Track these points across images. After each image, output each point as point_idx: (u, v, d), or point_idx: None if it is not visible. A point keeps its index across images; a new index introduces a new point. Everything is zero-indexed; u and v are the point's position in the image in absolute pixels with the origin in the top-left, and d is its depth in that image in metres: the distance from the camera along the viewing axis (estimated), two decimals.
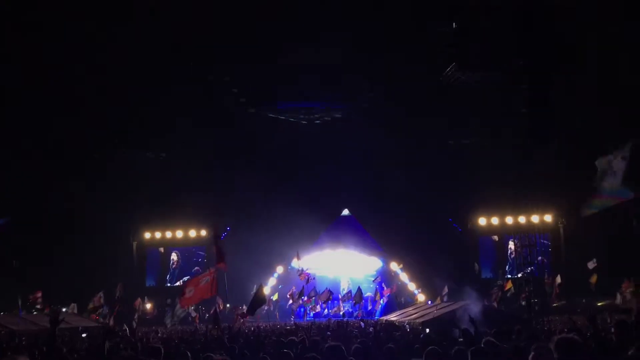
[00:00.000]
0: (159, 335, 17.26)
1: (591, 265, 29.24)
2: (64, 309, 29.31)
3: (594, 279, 28.64)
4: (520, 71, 23.23)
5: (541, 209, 30.08)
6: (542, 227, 31.66)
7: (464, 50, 22.64)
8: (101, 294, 28.93)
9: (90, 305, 28.81)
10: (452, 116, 32.52)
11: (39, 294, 28.14)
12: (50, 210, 31.61)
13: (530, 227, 25.78)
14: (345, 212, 36.64)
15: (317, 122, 35.12)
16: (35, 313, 25.86)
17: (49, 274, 29.98)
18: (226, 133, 34.01)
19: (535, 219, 28.77)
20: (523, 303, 26.03)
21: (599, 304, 27.54)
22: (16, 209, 30.57)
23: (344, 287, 34.39)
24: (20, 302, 25.62)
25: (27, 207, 31.21)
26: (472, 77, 23.68)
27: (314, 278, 32.95)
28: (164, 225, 36.84)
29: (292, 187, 33.86)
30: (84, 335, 18.75)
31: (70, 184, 32.42)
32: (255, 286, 30.41)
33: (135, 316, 30.48)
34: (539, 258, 25.68)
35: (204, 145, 34.07)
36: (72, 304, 29.28)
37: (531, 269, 25.73)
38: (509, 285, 30.08)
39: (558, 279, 30.60)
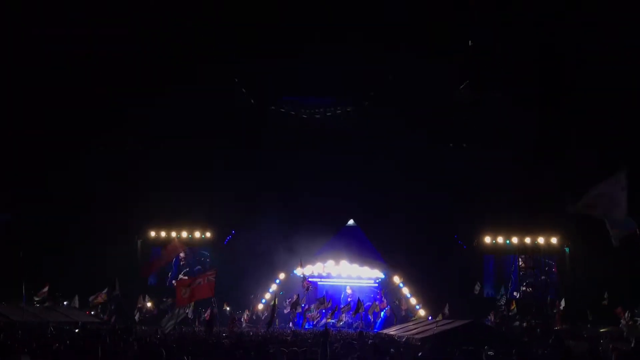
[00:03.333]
0: (158, 336, 17.27)
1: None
2: (65, 302, 29.49)
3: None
4: (532, 94, 23.25)
5: (547, 230, 29.96)
6: (548, 249, 31.51)
7: (478, 70, 22.67)
8: (106, 290, 29.02)
9: (94, 300, 28.89)
10: (461, 133, 32.56)
11: (46, 289, 28.29)
12: (56, 204, 31.81)
13: (535, 248, 25.64)
14: (351, 222, 36.62)
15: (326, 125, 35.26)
16: (37, 305, 25.97)
17: (54, 267, 30.15)
18: (233, 138, 34.33)
19: (541, 240, 28.65)
20: (524, 325, 25.85)
21: (601, 330, 27.29)
22: (22, 202, 30.81)
23: (346, 297, 34.31)
24: (24, 292, 25.71)
25: (33, 201, 31.43)
26: (484, 97, 23.68)
27: (315, 287, 32.88)
28: (169, 225, 37.00)
29: (299, 195, 33.99)
30: (76, 330, 18.78)
31: (78, 179, 32.81)
32: (255, 296, 30.59)
33: (137, 314, 30.60)
34: (542, 278, 25.48)
35: (210, 149, 34.32)
36: (75, 297, 29.42)
37: (533, 290, 25.58)
38: (514, 305, 29.89)
39: (562, 303, 30.39)
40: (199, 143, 33.89)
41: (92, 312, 29.19)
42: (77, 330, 18.44)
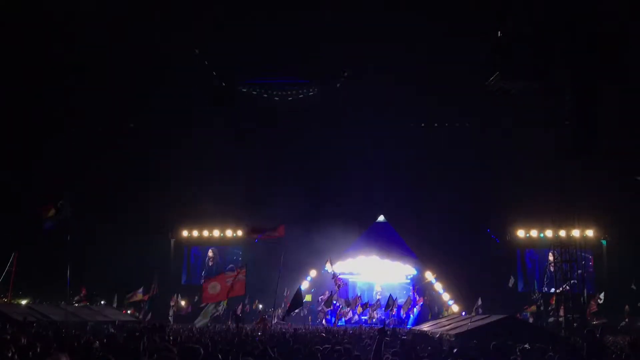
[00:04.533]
0: (193, 334, 17.50)
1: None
2: (102, 302, 30.17)
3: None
4: (565, 82, 22.67)
5: (583, 223, 29.26)
6: (584, 242, 30.80)
7: (508, 59, 22.21)
8: (141, 289, 29.57)
9: (131, 299, 29.52)
10: (494, 125, 32.04)
11: (84, 292, 29.05)
12: (92, 206, 32.51)
13: (571, 241, 25.05)
14: (381, 218, 36.47)
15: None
16: (76, 305, 26.63)
17: (91, 268, 30.84)
18: (265, 140, 34.69)
19: (576, 233, 27.99)
20: (560, 319, 25.33)
21: None
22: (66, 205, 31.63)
23: (377, 294, 34.20)
24: (70, 293, 26.34)
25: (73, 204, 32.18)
26: (515, 87, 23.20)
27: (346, 284, 32.85)
28: (201, 223, 37.46)
29: (330, 192, 34.02)
30: (112, 329, 19.14)
31: (112, 180, 33.50)
32: (286, 289, 30.84)
33: (171, 312, 31.06)
34: (579, 272, 24.86)
35: (243, 151, 34.73)
36: (114, 297, 30.12)
37: (570, 285, 24.97)
38: (553, 300, 29.31)
39: (601, 297, 29.71)
40: (232, 144, 34.39)
41: (128, 311, 29.77)
42: (112, 330, 18.81)
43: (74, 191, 25.12)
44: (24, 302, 27.11)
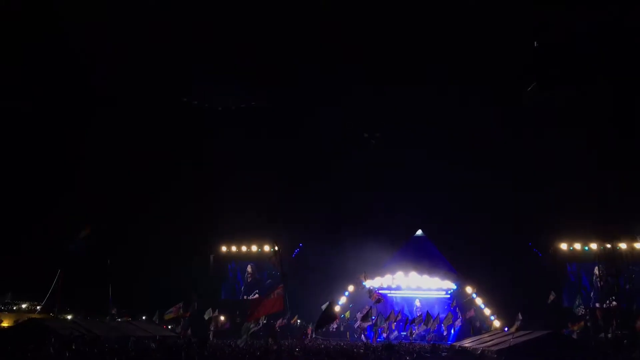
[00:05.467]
0: (232, 349, 17.61)
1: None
2: (143, 317, 30.68)
3: None
4: (605, 92, 22.12)
5: (630, 235, 28.31)
6: (632, 255, 29.74)
7: (546, 70, 21.83)
8: (180, 304, 29.94)
9: (170, 315, 29.87)
10: (535, 137, 31.47)
11: (124, 314, 29.70)
12: (134, 222, 33.25)
13: (617, 254, 24.22)
14: (419, 232, 36.08)
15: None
16: (118, 320, 27.19)
17: (132, 284, 31.44)
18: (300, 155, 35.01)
19: (623, 246, 27.07)
20: (609, 336, 24.41)
21: None
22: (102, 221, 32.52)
23: (417, 310, 33.72)
24: (114, 310, 26.91)
25: (113, 222, 32.96)
26: (554, 97, 22.76)
27: (384, 299, 32.49)
28: (239, 239, 37.81)
29: (367, 207, 33.92)
30: (152, 345, 19.40)
31: (156, 197, 34.25)
32: (326, 303, 30.70)
33: (212, 328, 31.30)
34: (627, 287, 23.97)
35: (279, 165, 35.03)
36: (156, 312, 30.58)
37: (617, 299, 24.10)
38: (599, 316, 28.31)
39: None
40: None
41: (169, 327, 30.17)
42: (153, 345, 19.07)
43: (114, 208, 25.74)
44: (69, 317, 27.87)
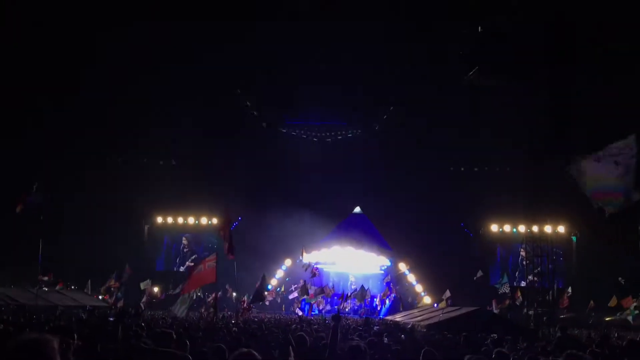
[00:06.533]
0: (168, 321, 17.37)
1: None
2: (73, 287, 29.72)
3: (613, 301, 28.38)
4: (542, 79, 22.99)
5: (555, 219, 29.85)
6: (556, 238, 31.44)
7: (487, 55, 22.42)
8: (114, 275, 29.24)
9: (107, 285, 29.21)
10: (467, 122, 32.42)
11: (50, 277, 28.52)
12: (68, 192, 31.87)
13: (542, 237, 25.53)
14: (357, 209, 36.63)
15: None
16: (45, 289, 26.19)
17: (60, 251, 30.28)
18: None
19: (548, 229, 28.50)
20: (530, 313, 25.81)
21: (607, 319, 27.29)
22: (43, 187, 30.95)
23: (351, 284, 34.40)
24: (45, 278, 25.82)
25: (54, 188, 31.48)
26: (493, 82, 23.46)
27: (320, 273, 32.95)
28: (175, 210, 37.14)
29: (306, 182, 34.04)
30: (82, 315, 18.89)
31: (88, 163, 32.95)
32: (260, 277, 30.81)
33: (144, 299, 30.76)
34: (550, 266, 25.33)
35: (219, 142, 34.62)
36: (87, 283, 29.70)
37: (537, 278, 25.45)
38: (519, 294, 29.90)
39: (569, 291, 30.41)
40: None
41: (100, 297, 29.43)
42: (83, 315, 18.56)
43: (49, 173, 24.62)
44: None
